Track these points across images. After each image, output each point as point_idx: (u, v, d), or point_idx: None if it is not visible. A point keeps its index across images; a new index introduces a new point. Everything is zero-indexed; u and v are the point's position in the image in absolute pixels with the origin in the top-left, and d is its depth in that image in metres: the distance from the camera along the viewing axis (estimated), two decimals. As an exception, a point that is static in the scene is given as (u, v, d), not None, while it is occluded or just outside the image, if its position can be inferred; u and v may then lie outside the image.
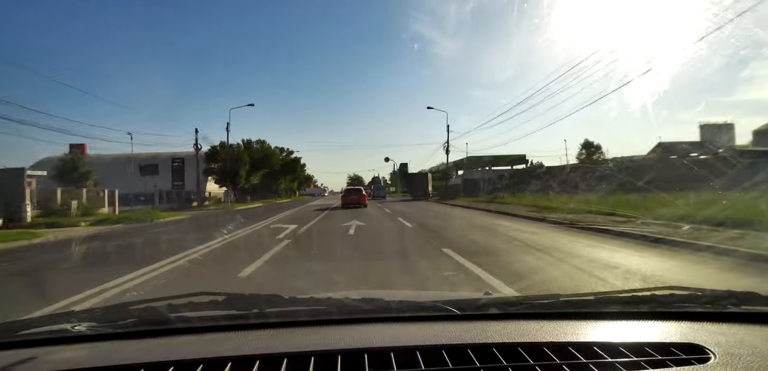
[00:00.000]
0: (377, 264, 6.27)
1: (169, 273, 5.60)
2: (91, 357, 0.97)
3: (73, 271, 6.68)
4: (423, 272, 5.36)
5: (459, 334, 1.02)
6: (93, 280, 4.98)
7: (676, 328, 1.07)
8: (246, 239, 9.63)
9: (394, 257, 6.88)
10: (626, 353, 0.92)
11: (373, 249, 7.95)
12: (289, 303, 1.23)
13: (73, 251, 8.96)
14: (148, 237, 10.79)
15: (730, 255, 5.73)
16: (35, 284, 5.70)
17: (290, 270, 6.04)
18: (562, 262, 5.78)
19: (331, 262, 6.57)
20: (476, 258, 5.92)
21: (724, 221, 8.00)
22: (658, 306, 1.22)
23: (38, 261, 7.81)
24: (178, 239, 9.88)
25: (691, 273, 5.15)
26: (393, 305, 1.22)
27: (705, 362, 0.88)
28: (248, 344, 0.99)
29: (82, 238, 11.46)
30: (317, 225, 12.88)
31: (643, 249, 6.62)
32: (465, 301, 1.26)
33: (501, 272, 5.02)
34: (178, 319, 1.13)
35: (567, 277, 4.88)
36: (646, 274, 4.91)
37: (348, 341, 1.00)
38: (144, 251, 8.32)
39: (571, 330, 1.06)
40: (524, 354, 0.92)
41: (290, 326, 1.12)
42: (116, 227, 15.29)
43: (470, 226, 11.41)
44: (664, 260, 5.82)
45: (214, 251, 7.63)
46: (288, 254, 7.31)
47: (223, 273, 5.85)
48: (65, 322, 1.12)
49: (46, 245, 10.24)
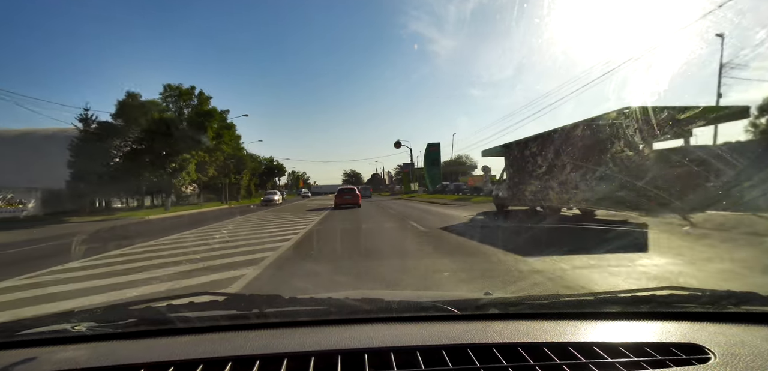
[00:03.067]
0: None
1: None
2: (91, 357, 0.97)
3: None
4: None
5: (459, 334, 1.02)
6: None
7: (676, 328, 1.07)
8: None
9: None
10: (626, 353, 0.92)
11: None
12: (290, 303, 1.23)
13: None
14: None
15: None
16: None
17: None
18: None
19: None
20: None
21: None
22: (658, 306, 1.22)
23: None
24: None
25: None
26: (393, 305, 1.22)
27: (705, 362, 0.88)
28: (248, 344, 0.99)
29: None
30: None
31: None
32: (465, 301, 1.26)
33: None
34: (178, 319, 1.13)
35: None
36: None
37: (348, 341, 1.00)
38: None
39: (571, 330, 1.06)
40: (524, 354, 0.92)
41: (290, 326, 1.12)
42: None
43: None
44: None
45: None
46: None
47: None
48: (65, 322, 1.12)
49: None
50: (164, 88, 32.60)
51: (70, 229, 15.15)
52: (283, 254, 6.92)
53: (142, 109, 29.33)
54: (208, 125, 32.48)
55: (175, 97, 32.66)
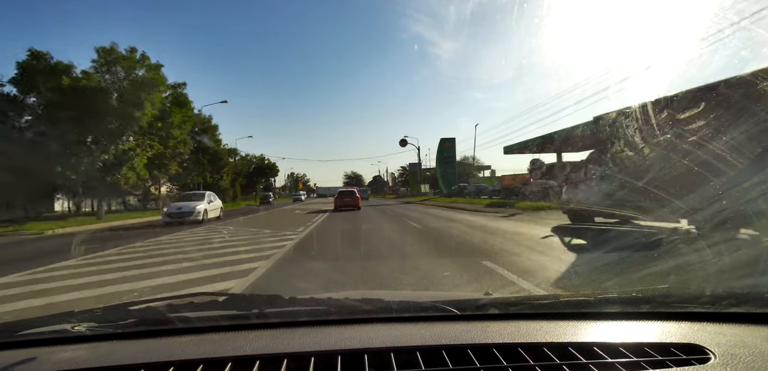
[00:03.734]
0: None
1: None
2: (91, 357, 0.97)
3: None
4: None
5: (459, 334, 1.02)
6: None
7: (676, 328, 1.07)
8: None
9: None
10: (626, 353, 0.92)
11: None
12: (290, 304, 1.23)
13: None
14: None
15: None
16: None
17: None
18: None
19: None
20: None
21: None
22: (658, 306, 1.22)
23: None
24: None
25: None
26: (393, 305, 1.22)
27: (705, 362, 0.88)
28: (248, 344, 0.99)
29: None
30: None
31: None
32: (465, 301, 1.26)
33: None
34: (178, 319, 1.13)
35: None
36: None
37: (348, 341, 1.00)
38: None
39: (571, 330, 1.06)
40: (524, 354, 0.92)
41: (290, 326, 1.12)
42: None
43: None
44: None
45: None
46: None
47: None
48: (65, 322, 1.12)
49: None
50: (97, 51, 21.66)
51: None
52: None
53: (53, 73, 20.09)
54: (147, 97, 21.61)
55: (109, 64, 21.61)
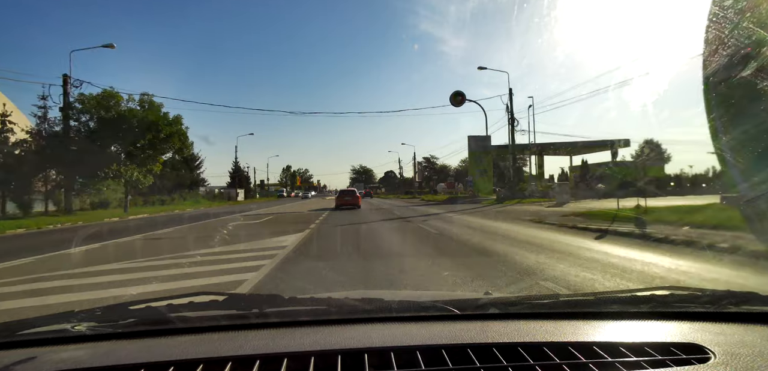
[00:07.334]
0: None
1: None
2: (91, 357, 0.96)
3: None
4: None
5: (459, 334, 1.02)
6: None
7: (677, 328, 1.07)
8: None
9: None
10: (626, 353, 0.92)
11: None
12: (289, 303, 1.23)
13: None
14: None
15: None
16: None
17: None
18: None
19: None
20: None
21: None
22: (658, 306, 1.22)
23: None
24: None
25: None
26: (393, 305, 1.22)
27: (705, 362, 0.87)
28: (248, 344, 0.99)
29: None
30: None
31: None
32: (465, 301, 1.26)
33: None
34: (178, 319, 1.13)
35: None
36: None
37: (348, 341, 1.00)
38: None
39: (571, 330, 1.06)
40: (524, 354, 0.92)
41: (290, 326, 1.12)
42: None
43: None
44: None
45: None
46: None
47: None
48: (65, 322, 1.12)
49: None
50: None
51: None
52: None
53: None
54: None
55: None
